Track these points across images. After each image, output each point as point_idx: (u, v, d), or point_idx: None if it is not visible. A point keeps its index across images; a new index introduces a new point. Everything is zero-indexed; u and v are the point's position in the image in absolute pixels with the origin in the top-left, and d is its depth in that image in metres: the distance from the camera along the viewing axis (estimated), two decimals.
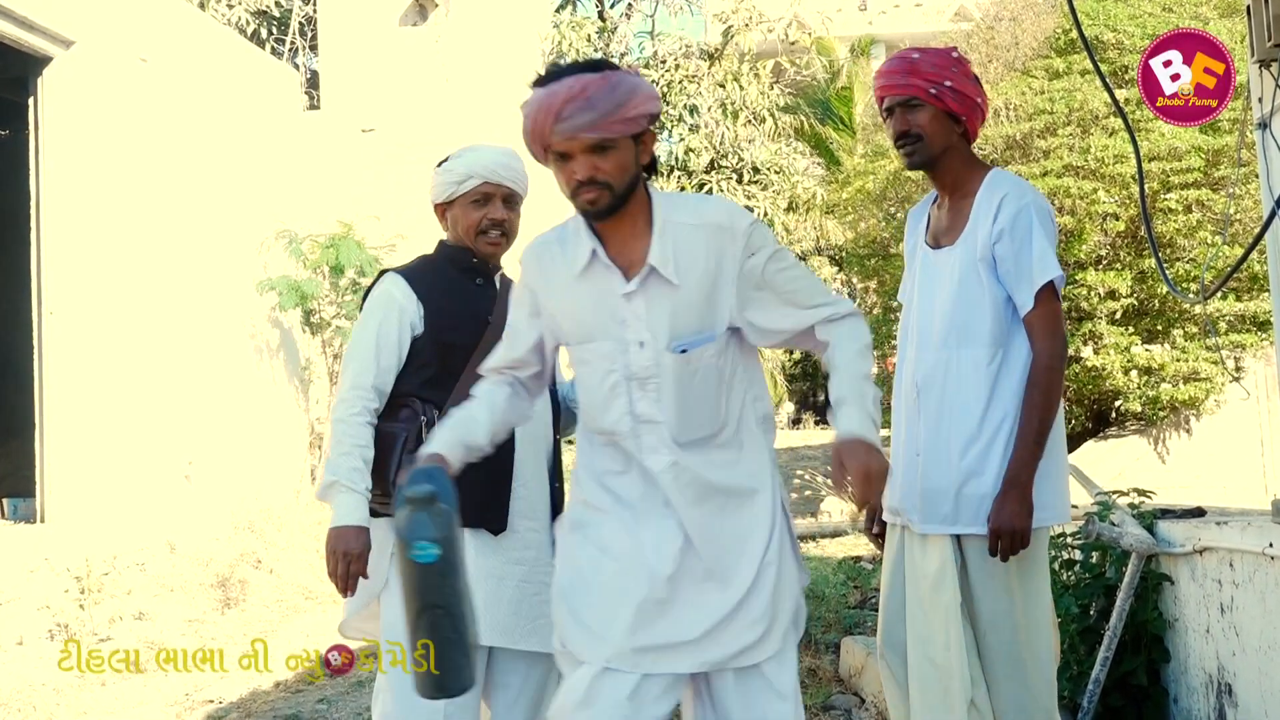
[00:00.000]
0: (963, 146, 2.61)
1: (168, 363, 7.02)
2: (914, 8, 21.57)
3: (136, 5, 7.03)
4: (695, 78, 14.68)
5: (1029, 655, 2.53)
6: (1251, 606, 3.02)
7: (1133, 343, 9.29)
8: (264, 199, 8.37)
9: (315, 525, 8.01)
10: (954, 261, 2.57)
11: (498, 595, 2.53)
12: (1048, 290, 2.48)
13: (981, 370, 2.50)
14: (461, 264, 2.69)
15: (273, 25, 14.61)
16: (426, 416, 2.54)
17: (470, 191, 2.64)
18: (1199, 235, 9.00)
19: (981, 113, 2.59)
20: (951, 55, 2.60)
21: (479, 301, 2.67)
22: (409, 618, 1.96)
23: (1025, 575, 2.53)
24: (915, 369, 2.60)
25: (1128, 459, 9.45)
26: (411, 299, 2.60)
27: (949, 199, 2.65)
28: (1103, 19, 9.49)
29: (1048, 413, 2.46)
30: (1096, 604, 3.74)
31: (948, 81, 2.54)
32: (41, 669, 5.26)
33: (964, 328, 2.53)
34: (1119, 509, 3.76)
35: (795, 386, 19.82)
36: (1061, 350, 2.49)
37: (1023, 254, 2.47)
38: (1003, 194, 2.52)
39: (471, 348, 2.59)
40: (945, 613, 2.50)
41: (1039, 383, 2.46)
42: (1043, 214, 2.51)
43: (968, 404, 2.50)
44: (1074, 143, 9.24)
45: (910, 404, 2.61)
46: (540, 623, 2.55)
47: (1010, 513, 2.42)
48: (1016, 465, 2.44)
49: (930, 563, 2.52)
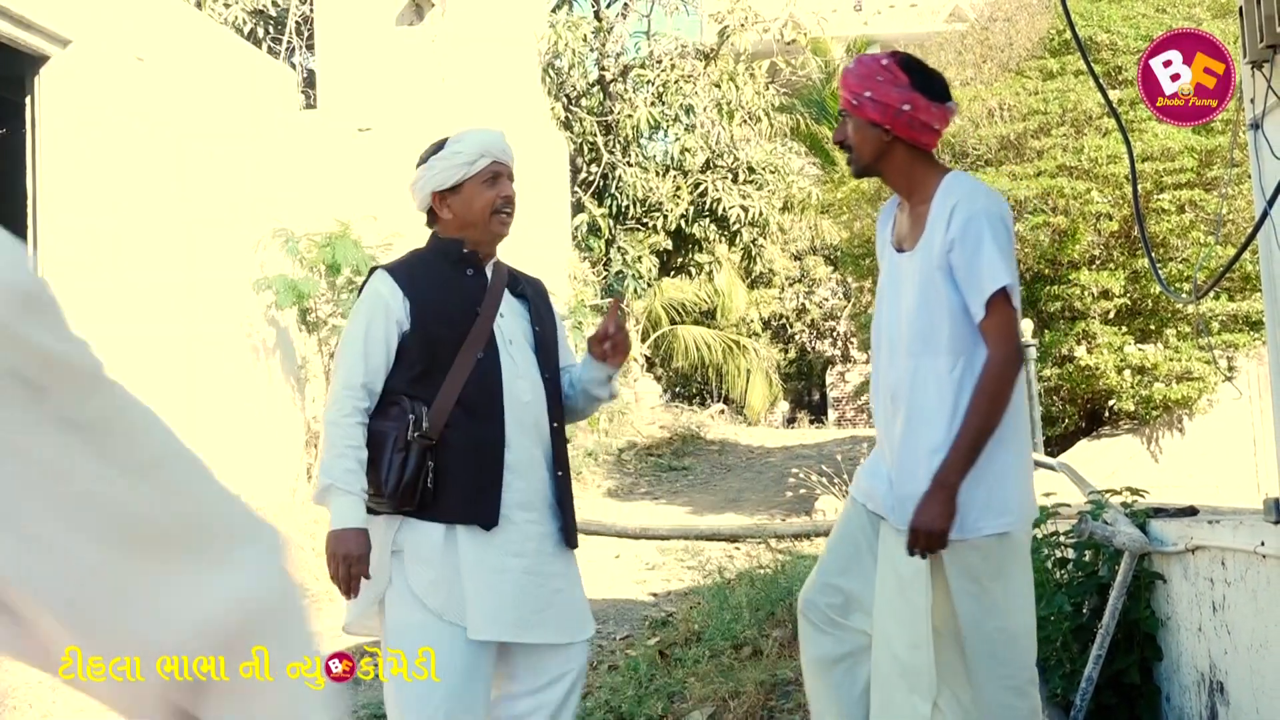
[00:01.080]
0: (904, 152, 2.59)
1: (164, 361, 7.02)
2: (909, 8, 21.60)
3: (133, 4, 7.03)
4: (691, 78, 14.70)
5: (1009, 655, 2.55)
6: (1243, 605, 3.04)
7: (1126, 342, 9.33)
8: (260, 198, 8.37)
9: (312, 524, 8.01)
10: (915, 267, 2.57)
11: (498, 589, 2.54)
12: (999, 298, 2.47)
13: (944, 379, 2.51)
14: (452, 256, 2.68)
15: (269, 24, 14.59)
16: (415, 414, 2.53)
17: (482, 171, 2.64)
18: (1192, 235, 9.04)
19: (912, 118, 2.54)
20: (880, 63, 2.58)
21: (469, 293, 2.66)
22: None
23: (1004, 578, 2.54)
24: (888, 372, 2.62)
25: (1121, 458, 9.48)
26: (398, 295, 2.60)
27: (908, 203, 2.66)
28: (1096, 20, 9.51)
29: (990, 420, 2.45)
30: (1089, 602, 3.77)
31: (868, 92, 2.55)
32: None
33: (926, 336, 2.54)
34: (1112, 508, 3.78)
35: (790, 386, 19.86)
36: (1015, 357, 2.49)
37: (974, 262, 2.46)
38: (954, 201, 2.51)
39: (460, 340, 2.59)
40: (915, 613, 2.51)
41: (985, 389, 2.46)
42: (994, 220, 2.49)
43: (933, 413, 2.51)
44: (1068, 143, 9.27)
45: (886, 407, 2.64)
46: (547, 614, 2.57)
47: (932, 514, 2.42)
48: (947, 468, 2.44)
49: (907, 565, 2.52)
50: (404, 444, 2.51)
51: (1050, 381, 9.60)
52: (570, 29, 14.29)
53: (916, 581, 2.52)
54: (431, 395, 2.56)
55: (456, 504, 2.53)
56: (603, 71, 14.94)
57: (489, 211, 2.65)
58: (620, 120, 14.53)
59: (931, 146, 2.62)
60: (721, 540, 8.10)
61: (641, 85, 14.95)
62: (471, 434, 2.56)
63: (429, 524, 2.55)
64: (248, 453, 7.91)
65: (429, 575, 2.53)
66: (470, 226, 2.67)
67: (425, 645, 2.50)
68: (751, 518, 9.40)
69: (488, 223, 2.66)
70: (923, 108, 2.54)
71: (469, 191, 2.65)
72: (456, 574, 2.53)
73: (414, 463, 2.51)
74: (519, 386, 2.63)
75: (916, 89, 2.55)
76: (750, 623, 4.78)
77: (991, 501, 2.50)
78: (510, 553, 2.57)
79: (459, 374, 2.57)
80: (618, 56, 15.07)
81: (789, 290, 19.72)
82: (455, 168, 2.64)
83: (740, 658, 4.50)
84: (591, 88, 15.16)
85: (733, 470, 12.31)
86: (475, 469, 2.55)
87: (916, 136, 2.57)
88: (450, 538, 2.55)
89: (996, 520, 2.50)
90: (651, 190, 14.78)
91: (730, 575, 6.05)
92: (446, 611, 2.51)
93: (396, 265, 2.71)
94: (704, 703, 4.09)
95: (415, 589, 2.53)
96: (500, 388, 2.60)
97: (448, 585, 2.53)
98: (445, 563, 2.53)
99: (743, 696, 4.04)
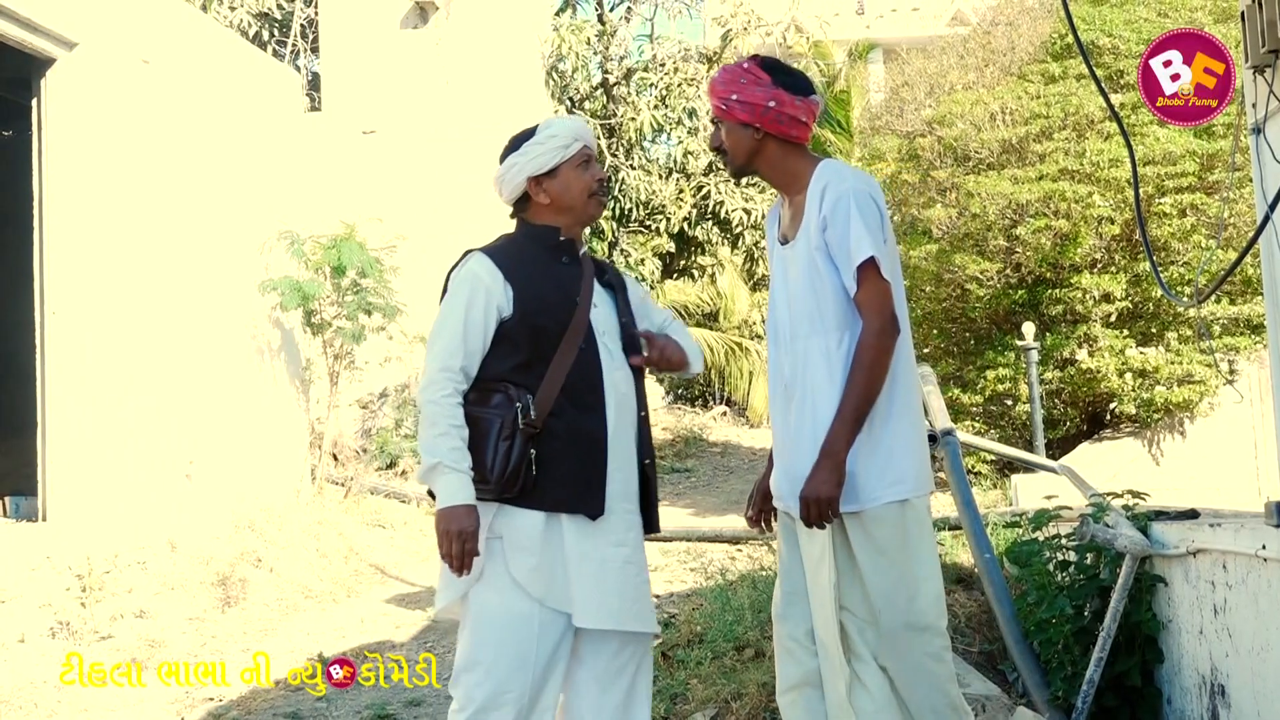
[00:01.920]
0: (776, 148, 2.69)
1: (169, 362, 7.04)
2: (911, 12, 21.62)
3: (139, 7, 7.06)
4: (694, 81, 14.72)
5: (924, 623, 2.61)
6: (1244, 608, 3.05)
7: (1127, 345, 9.34)
8: (266, 200, 8.40)
9: (315, 525, 8.03)
10: (798, 255, 2.67)
11: (602, 579, 2.57)
12: (868, 269, 2.55)
13: (832, 355, 2.60)
14: (548, 242, 2.70)
15: (274, 27, 14.63)
16: (520, 403, 2.55)
17: (576, 155, 2.69)
18: (1193, 239, 9.05)
19: (779, 113, 2.64)
20: (743, 67, 2.71)
21: (567, 282, 2.68)
22: None
23: (910, 548, 2.60)
24: (782, 362, 2.70)
25: (1122, 461, 9.49)
26: (499, 280, 2.60)
27: (788, 197, 2.75)
28: (1098, 24, 9.53)
29: (869, 388, 2.53)
30: (1091, 605, 3.78)
31: (734, 95, 2.67)
32: (43, 667, 5.28)
33: (813, 317, 2.63)
34: (1113, 511, 3.80)
35: None
36: (888, 327, 2.55)
37: (844, 238, 2.56)
38: (825, 183, 2.62)
39: (561, 330, 2.61)
40: (823, 592, 2.59)
41: (860, 360, 2.54)
42: (861, 198, 2.58)
43: (822, 389, 2.59)
44: (1069, 147, 9.29)
45: (781, 396, 2.71)
46: (642, 604, 2.62)
47: (819, 481, 2.50)
48: (831, 437, 2.52)
49: (814, 546, 2.61)
50: (510, 432, 2.53)
51: (1052, 384, 9.62)
52: (574, 32, 14.32)
53: (822, 562, 2.60)
54: (535, 384, 2.58)
55: (561, 493, 2.56)
56: (606, 75, 14.96)
57: (586, 194, 2.70)
58: (623, 123, 14.55)
59: (803, 140, 2.72)
60: (724, 542, 8.11)
61: (644, 88, 14.98)
62: (576, 424, 2.59)
63: (530, 512, 2.57)
64: (252, 454, 7.93)
65: (530, 562, 2.55)
66: (567, 210, 2.71)
67: (519, 629, 2.53)
68: None
69: (585, 205, 2.71)
70: (787, 102, 2.65)
71: (566, 175, 2.69)
72: (558, 562, 2.56)
73: (519, 451, 2.53)
74: (617, 377, 2.67)
75: (779, 86, 2.67)
76: (752, 624, 4.79)
77: (887, 471, 2.58)
78: (613, 542, 2.60)
79: (563, 363, 2.59)
80: (621, 60, 15.09)
81: None
82: (552, 151, 2.68)
83: (742, 659, 4.51)
84: (595, 91, 15.18)
85: (735, 472, 12.32)
86: (580, 459, 2.58)
87: (786, 130, 2.67)
88: (552, 526, 2.57)
89: (893, 489, 2.58)
90: (654, 193, 14.80)
91: (732, 577, 6.06)
92: (549, 598, 2.54)
93: (495, 250, 2.70)
94: (706, 704, 4.10)
95: (516, 576, 2.55)
96: (601, 378, 2.63)
97: (549, 572, 2.55)
98: (547, 550, 2.56)
99: (745, 698, 4.05)
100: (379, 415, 10.75)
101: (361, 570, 7.65)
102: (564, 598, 2.56)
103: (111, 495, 6.38)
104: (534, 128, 2.74)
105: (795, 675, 2.72)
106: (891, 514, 2.58)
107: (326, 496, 8.86)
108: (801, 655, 2.71)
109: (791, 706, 2.74)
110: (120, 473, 6.50)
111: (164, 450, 6.94)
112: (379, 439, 10.08)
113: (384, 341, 9.17)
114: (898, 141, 10.98)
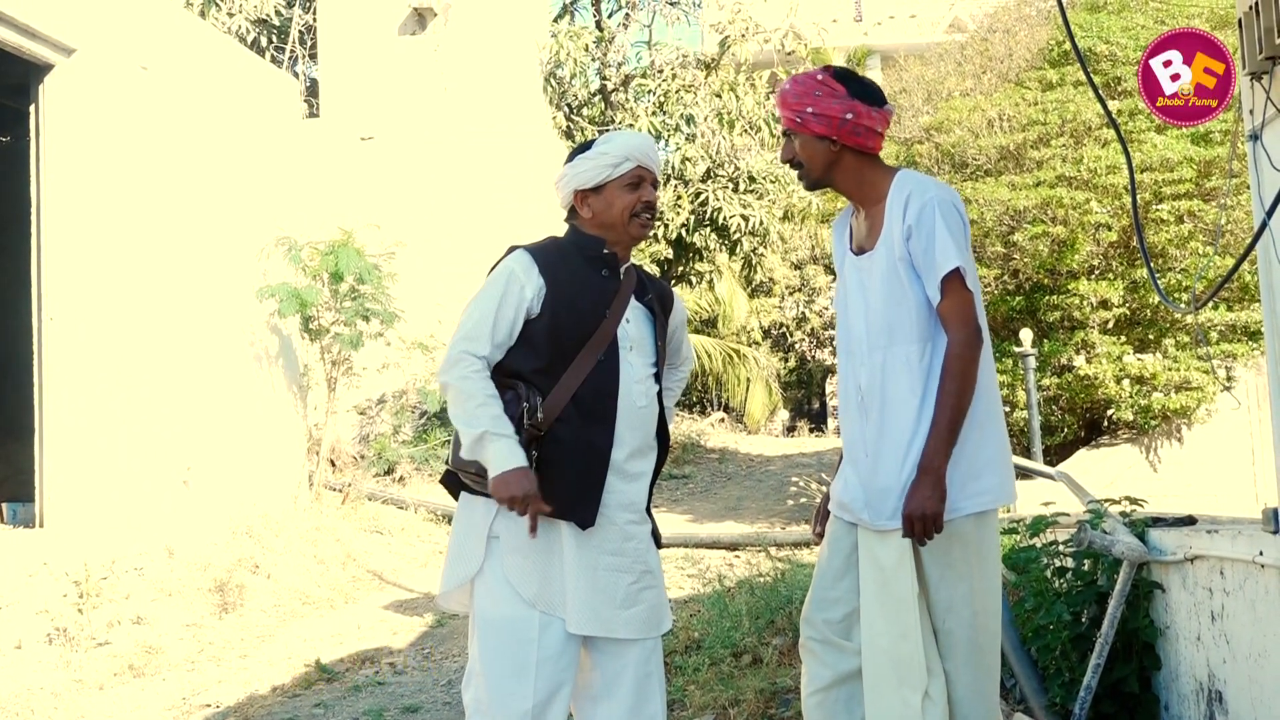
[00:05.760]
0: (852, 159, 2.67)
1: (167, 368, 7.04)
2: (909, 19, 21.66)
3: (137, 13, 7.07)
4: (692, 87, 14.73)
5: (986, 640, 2.61)
6: (1242, 614, 3.05)
7: (1125, 352, 9.36)
8: (264, 206, 8.41)
9: (313, 531, 8.03)
10: (877, 264, 2.64)
11: (593, 586, 2.58)
12: (953, 280, 2.54)
13: (914, 366, 2.57)
14: (591, 252, 2.71)
15: (272, 34, 14.64)
16: (530, 403, 2.56)
17: (626, 174, 2.68)
18: (1190, 246, 9.07)
19: (856, 125, 2.63)
20: (816, 79, 2.67)
21: (601, 294, 2.68)
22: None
23: (980, 561, 2.59)
24: (857, 373, 2.68)
25: (1120, 467, 9.51)
26: (534, 279, 2.62)
27: (863, 208, 2.73)
28: (1096, 31, 9.56)
29: (961, 400, 2.51)
30: (1088, 611, 3.78)
31: (809, 108, 2.63)
32: (40, 673, 5.28)
33: (894, 327, 2.60)
34: (1111, 517, 3.80)
35: (790, 394, 19.87)
36: (974, 338, 2.54)
37: (928, 248, 2.54)
38: (908, 192, 2.60)
39: (583, 340, 2.61)
40: (900, 604, 2.56)
41: (951, 370, 2.52)
42: (945, 207, 2.57)
43: (905, 401, 2.57)
44: (1067, 153, 9.31)
45: (856, 407, 2.68)
46: (636, 610, 2.62)
47: (921, 498, 2.47)
48: (929, 452, 2.50)
49: (888, 556, 2.57)
50: (517, 428, 2.54)
51: (1049, 391, 9.63)
52: (572, 39, 14.33)
53: (900, 572, 2.56)
54: (548, 387, 2.59)
55: (557, 499, 2.56)
56: (604, 81, 14.99)
57: (627, 214, 2.69)
58: (621, 129, 14.56)
59: (877, 150, 2.71)
60: (721, 548, 8.11)
61: (643, 95, 14.99)
62: (581, 433, 2.60)
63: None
64: (250, 460, 7.93)
65: (524, 564, 2.57)
66: (608, 228, 2.71)
67: (516, 632, 2.54)
68: (751, 526, 9.41)
69: (625, 225, 2.70)
70: (864, 114, 2.63)
71: (610, 193, 2.69)
72: (553, 565, 2.57)
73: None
74: (635, 391, 2.67)
75: (855, 97, 2.65)
76: (750, 630, 4.80)
77: (969, 481, 2.56)
78: (608, 551, 2.61)
79: (577, 373, 2.60)
80: (619, 66, 15.11)
81: (789, 299, 19.75)
82: (599, 169, 2.68)
83: (740, 665, 4.51)
84: (593, 97, 15.20)
85: (733, 478, 12.33)
86: (579, 468, 2.58)
87: (862, 142, 2.66)
88: (550, 530, 2.58)
89: (975, 499, 2.56)
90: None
91: (730, 583, 6.06)
92: (540, 601, 2.56)
93: (538, 249, 2.71)
94: (704, 710, 4.10)
95: (510, 577, 2.57)
96: (616, 391, 2.64)
97: (542, 575, 2.57)
98: (542, 553, 2.57)
99: (743, 704, 4.05)
100: (377, 421, 10.75)
101: (359, 576, 7.65)
102: (558, 602, 2.57)
103: (109, 501, 6.38)
104: (594, 140, 2.76)
105: (825, 676, 2.71)
106: (969, 527, 2.56)
107: (324, 503, 8.86)
108: (829, 657, 2.70)
109: (819, 707, 2.72)
110: (118, 479, 6.49)
111: (162, 456, 6.93)
112: (377, 445, 10.07)
113: (382, 348, 9.17)
114: (895, 148, 11.00)
